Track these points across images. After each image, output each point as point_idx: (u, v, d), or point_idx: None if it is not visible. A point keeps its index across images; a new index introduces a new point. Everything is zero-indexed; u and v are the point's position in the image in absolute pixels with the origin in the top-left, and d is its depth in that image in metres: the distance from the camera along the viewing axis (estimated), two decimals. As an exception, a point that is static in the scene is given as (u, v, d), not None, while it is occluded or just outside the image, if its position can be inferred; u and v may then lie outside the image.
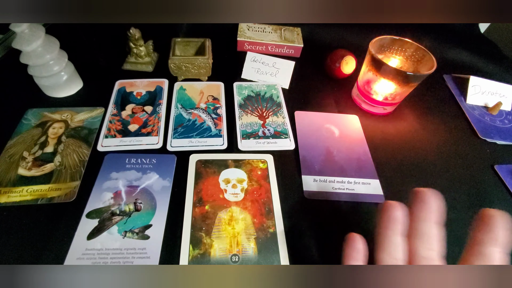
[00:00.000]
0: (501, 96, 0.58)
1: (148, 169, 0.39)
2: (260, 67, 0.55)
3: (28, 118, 0.43)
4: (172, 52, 0.50)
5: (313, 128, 0.48)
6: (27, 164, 0.38)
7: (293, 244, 0.34)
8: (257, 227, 0.35)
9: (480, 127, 0.52)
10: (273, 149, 0.43)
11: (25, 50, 0.40)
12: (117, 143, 0.41)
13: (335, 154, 0.44)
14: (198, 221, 0.34)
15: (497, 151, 0.49)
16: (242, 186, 0.38)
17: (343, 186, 0.40)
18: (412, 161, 0.45)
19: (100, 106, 0.46)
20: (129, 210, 0.35)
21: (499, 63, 0.69)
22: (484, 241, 0.22)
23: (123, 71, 0.53)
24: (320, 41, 0.66)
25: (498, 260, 0.21)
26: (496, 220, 0.21)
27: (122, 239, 0.32)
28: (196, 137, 0.43)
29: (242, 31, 0.61)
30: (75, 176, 0.37)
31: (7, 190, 0.35)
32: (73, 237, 0.32)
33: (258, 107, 0.50)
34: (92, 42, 0.59)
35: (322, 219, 0.37)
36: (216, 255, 0.32)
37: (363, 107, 0.52)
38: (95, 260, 0.31)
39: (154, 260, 0.31)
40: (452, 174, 0.44)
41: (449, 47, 0.69)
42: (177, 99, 0.49)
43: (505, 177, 0.44)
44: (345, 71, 0.55)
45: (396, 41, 0.49)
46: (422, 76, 0.44)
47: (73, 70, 0.47)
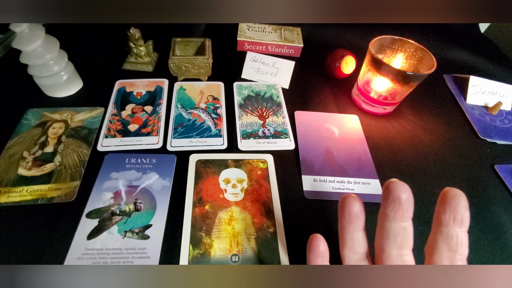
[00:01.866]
0: (501, 96, 0.58)
1: (148, 169, 0.39)
2: (260, 67, 0.55)
3: (28, 118, 0.43)
4: (172, 52, 0.50)
5: (313, 128, 0.48)
6: (27, 164, 0.38)
7: (293, 244, 0.34)
8: (257, 227, 0.35)
9: (480, 127, 0.52)
10: (273, 149, 0.43)
11: (25, 50, 0.40)
12: (117, 143, 0.41)
13: (335, 154, 0.44)
14: (198, 221, 0.34)
15: (497, 151, 0.49)
16: (242, 186, 0.38)
17: (343, 186, 0.40)
18: (412, 161, 0.45)
19: (100, 106, 0.46)
20: (129, 210, 0.35)
21: (499, 63, 0.69)
22: (449, 223, 0.22)
23: (123, 71, 0.53)
24: (320, 41, 0.66)
25: (463, 240, 0.22)
26: (458, 200, 0.21)
27: (122, 239, 0.32)
28: (196, 137, 0.43)
29: (242, 31, 0.61)
30: (75, 176, 0.37)
31: (7, 190, 0.35)
32: (73, 237, 0.32)
33: (258, 107, 0.50)
34: (92, 42, 0.59)
35: (322, 219, 0.37)
36: (216, 255, 0.32)
37: (363, 107, 0.52)
38: (95, 260, 0.31)
39: (154, 260, 0.31)
40: (452, 174, 0.44)
41: (449, 47, 0.69)
42: (177, 99, 0.49)
43: (505, 177, 0.44)
44: (345, 71, 0.55)
45: (396, 41, 0.49)
46: (422, 76, 0.44)
47: (73, 70, 0.47)
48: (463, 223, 0.21)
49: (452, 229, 0.22)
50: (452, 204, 0.21)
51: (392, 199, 0.22)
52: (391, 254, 0.24)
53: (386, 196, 0.23)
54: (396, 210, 0.22)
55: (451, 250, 0.22)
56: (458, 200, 0.21)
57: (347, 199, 0.25)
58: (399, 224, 0.23)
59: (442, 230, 0.22)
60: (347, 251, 0.26)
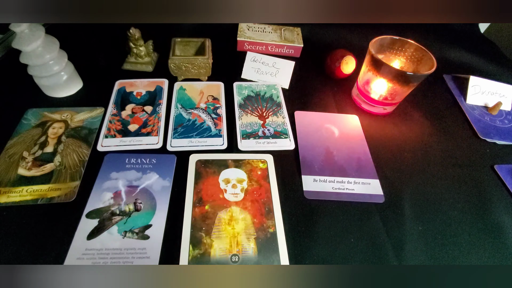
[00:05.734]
0: (501, 96, 0.58)
1: (148, 169, 0.39)
2: (260, 67, 0.55)
3: (28, 118, 0.43)
4: (172, 52, 0.50)
5: (313, 128, 0.48)
6: (27, 164, 0.38)
7: (293, 244, 0.34)
8: (257, 227, 0.35)
9: (480, 127, 0.52)
10: (273, 149, 0.43)
11: (25, 50, 0.40)
12: (117, 143, 0.41)
13: (335, 154, 0.44)
14: (198, 221, 0.34)
15: (497, 151, 0.49)
16: (242, 186, 0.38)
17: (343, 186, 0.40)
18: (412, 161, 0.45)
19: (100, 106, 0.46)
20: (129, 210, 0.35)
21: (499, 63, 0.69)
22: None
23: (123, 71, 0.53)
24: (320, 41, 0.66)
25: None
26: None
27: (122, 239, 0.32)
28: (196, 137, 0.43)
29: (242, 31, 0.61)
30: (75, 176, 0.37)
31: (7, 190, 0.35)
32: (73, 237, 0.32)
33: (258, 107, 0.50)
34: (92, 42, 0.59)
35: (322, 219, 0.37)
36: (216, 255, 0.32)
37: (363, 107, 0.52)
38: (95, 260, 0.31)
39: (154, 260, 0.31)
40: (452, 174, 0.44)
41: (449, 47, 0.69)
42: (177, 99, 0.49)
43: (505, 177, 0.44)
44: (345, 71, 0.55)
45: (396, 41, 0.49)
46: (422, 76, 0.44)
47: (73, 70, 0.47)
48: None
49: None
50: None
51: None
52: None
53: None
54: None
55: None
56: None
57: None
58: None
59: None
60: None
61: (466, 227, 0.38)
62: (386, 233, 0.36)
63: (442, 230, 0.38)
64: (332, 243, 0.35)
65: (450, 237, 0.37)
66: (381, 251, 0.35)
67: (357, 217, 0.38)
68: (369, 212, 0.38)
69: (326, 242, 0.35)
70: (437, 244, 0.36)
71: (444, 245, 0.36)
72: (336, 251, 0.34)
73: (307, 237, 0.35)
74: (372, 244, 0.35)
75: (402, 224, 0.37)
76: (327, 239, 0.35)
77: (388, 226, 0.37)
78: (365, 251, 0.35)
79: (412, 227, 0.37)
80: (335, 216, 0.37)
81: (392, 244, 0.35)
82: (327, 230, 0.36)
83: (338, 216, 0.37)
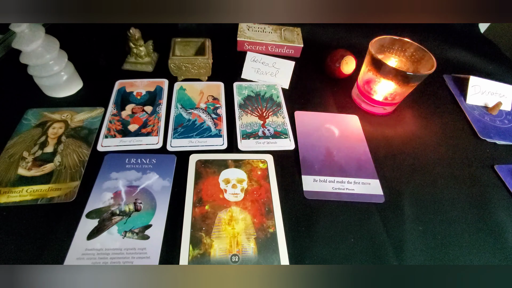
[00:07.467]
0: (501, 96, 0.58)
1: (148, 169, 0.39)
2: (260, 67, 0.55)
3: (28, 118, 0.43)
4: (172, 52, 0.50)
5: (313, 128, 0.48)
6: (27, 164, 0.38)
7: (293, 244, 0.34)
8: (257, 227, 0.35)
9: (480, 127, 0.52)
10: (273, 149, 0.43)
11: (25, 50, 0.40)
12: (117, 143, 0.41)
13: (335, 154, 0.44)
14: (198, 221, 0.34)
15: (497, 151, 0.49)
16: (242, 186, 0.38)
17: (343, 186, 0.40)
18: (412, 161, 0.45)
19: (100, 106, 0.46)
20: (129, 210, 0.35)
21: (499, 63, 0.69)
22: None
23: (123, 71, 0.53)
24: (320, 41, 0.66)
25: None
26: None
27: (122, 239, 0.32)
28: (196, 137, 0.43)
29: (242, 31, 0.61)
30: (75, 176, 0.37)
31: (7, 190, 0.35)
32: (73, 237, 0.32)
33: (258, 107, 0.50)
34: (92, 42, 0.59)
35: (322, 219, 0.37)
36: (216, 255, 0.32)
37: (363, 107, 0.52)
38: (95, 260, 0.31)
39: (154, 260, 0.31)
40: (452, 174, 0.44)
41: (449, 47, 0.69)
42: (177, 99, 0.49)
43: (505, 177, 0.44)
44: (345, 71, 0.55)
45: (396, 41, 0.49)
46: (422, 76, 0.44)
47: (73, 70, 0.47)
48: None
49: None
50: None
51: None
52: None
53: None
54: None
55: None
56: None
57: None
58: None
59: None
60: None
61: (466, 227, 0.38)
62: (386, 233, 0.36)
63: (442, 230, 0.38)
64: (332, 243, 0.35)
65: (450, 237, 0.37)
66: (381, 251, 0.35)
67: (357, 217, 0.38)
68: (369, 212, 0.38)
69: (326, 242, 0.35)
70: (437, 244, 0.36)
71: (444, 245, 0.36)
72: (336, 251, 0.34)
73: (307, 237, 0.35)
74: (372, 244, 0.35)
75: (402, 224, 0.37)
76: (327, 239, 0.35)
77: (388, 226, 0.37)
78: (365, 251, 0.35)
79: (412, 227, 0.37)
80: (335, 216, 0.37)
81: (392, 244, 0.35)
82: (327, 230, 0.36)
83: (338, 216, 0.37)
